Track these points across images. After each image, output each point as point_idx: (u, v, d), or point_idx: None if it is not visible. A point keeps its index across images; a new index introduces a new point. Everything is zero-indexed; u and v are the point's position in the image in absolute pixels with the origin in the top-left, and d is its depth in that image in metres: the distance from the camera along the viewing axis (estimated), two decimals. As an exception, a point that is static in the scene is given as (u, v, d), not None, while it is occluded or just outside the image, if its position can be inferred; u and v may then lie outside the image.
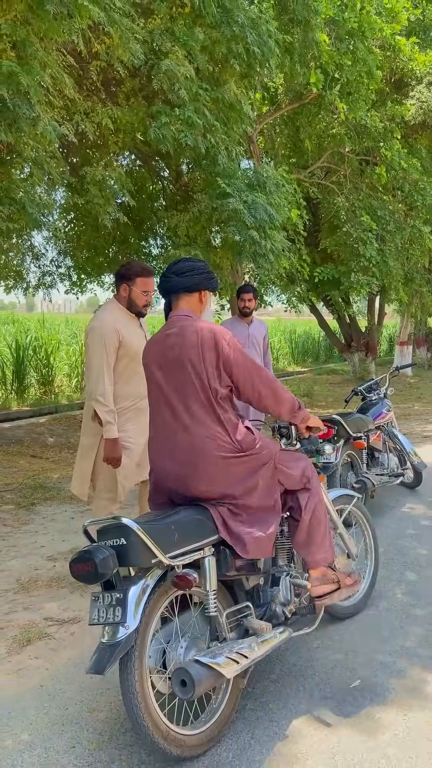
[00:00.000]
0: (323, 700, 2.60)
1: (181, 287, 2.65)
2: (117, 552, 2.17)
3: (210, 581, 2.36)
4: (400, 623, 3.28)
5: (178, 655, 2.29)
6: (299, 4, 6.82)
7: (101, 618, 2.17)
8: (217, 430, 2.49)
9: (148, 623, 2.21)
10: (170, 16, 6.01)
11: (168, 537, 2.25)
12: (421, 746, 2.32)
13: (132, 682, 2.12)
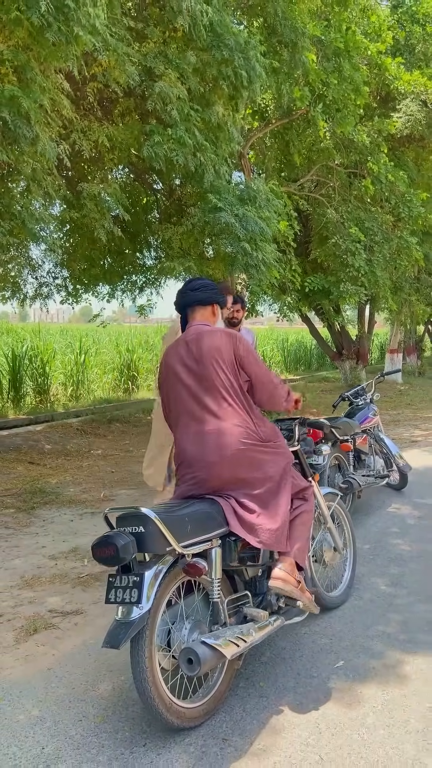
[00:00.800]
0: (309, 679, 2.82)
1: (196, 301, 3.01)
2: (135, 538, 2.36)
3: (215, 570, 2.58)
4: (383, 612, 3.52)
5: (182, 636, 2.50)
6: (287, 28, 7.13)
7: (117, 598, 2.37)
8: (244, 419, 2.80)
9: (159, 605, 2.42)
10: (163, 40, 6.29)
11: (182, 527, 2.46)
12: (396, 715, 2.55)
13: (142, 657, 2.33)
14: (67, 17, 4.55)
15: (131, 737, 2.42)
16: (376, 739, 2.40)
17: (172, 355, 2.93)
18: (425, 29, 11.41)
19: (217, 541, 2.63)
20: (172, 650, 2.48)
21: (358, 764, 2.26)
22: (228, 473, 2.73)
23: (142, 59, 5.99)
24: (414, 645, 3.14)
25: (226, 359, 2.82)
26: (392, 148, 12.51)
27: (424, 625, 3.35)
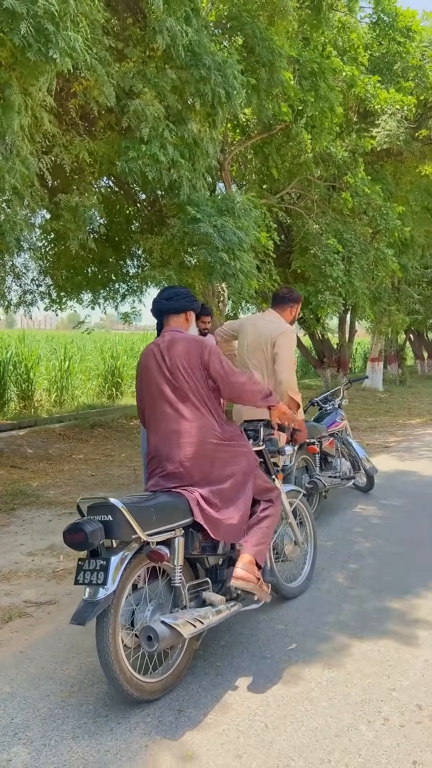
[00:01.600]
0: (263, 660, 3.05)
1: (170, 309, 3.26)
2: (104, 526, 2.57)
3: (178, 557, 2.81)
4: (338, 602, 3.75)
5: (145, 617, 2.72)
6: (264, 48, 7.43)
7: (85, 579, 2.58)
8: (209, 420, 3.04)
9: (124, 587, 2.63)
10: (143, 60, 6.55)
11: (147, 517, 2.67)
12: (339, 690, 2.78)
13: (106, 634, 2.54)
14: (47, 39, 4.79)
15: (94, 710, 2.63)
16: (318, 710, 2.63)
17: (147, 358, 3.18)
18: (403, 46, 11.77)
19: (181, 531, 2.84)
20: (135, 630, 2.69)
21: (299, 730, 2.49)
22: (193, 469, 2.96)
23: (120, 79, 6.24)
24: (363, 631, 3.37)
25: (194, 364, 3.07)
26: (371, 162, 12.87)
27: (374, 614, 3.59)
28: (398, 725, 2.53)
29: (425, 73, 11.22)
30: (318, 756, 2.34)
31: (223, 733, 2.48)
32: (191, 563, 3.03)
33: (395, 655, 3.10)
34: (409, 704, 2.67)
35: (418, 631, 3.37)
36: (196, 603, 2.92)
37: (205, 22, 6.94)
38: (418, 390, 18.85)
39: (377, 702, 2.69)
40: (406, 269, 15.67)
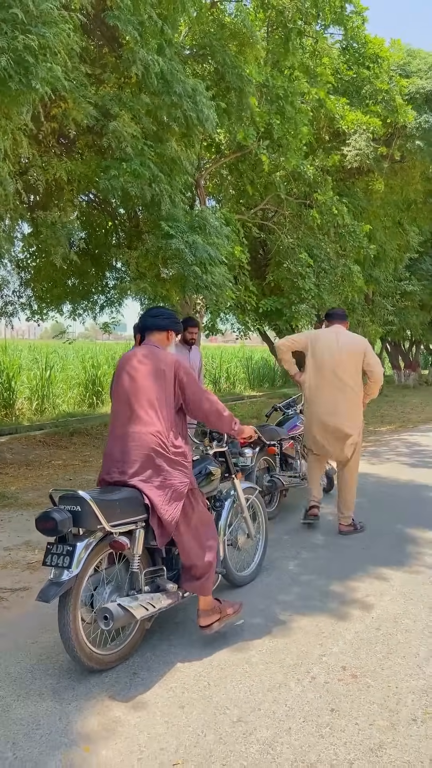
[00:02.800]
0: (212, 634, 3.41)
1: (154, 327, 3.52)
2: (73, 515, 2.87)
3: (137, 546, 3.12)
4: (286, 585, 4.14)
5: (103, 597, 3.04)
6: (234, 75, 7.89)
7: (52, 562, 2.88)
8: (162, 431, 3.23)
9: (86, 571, 2.93)
10: (119, 85, 6.97)
11: (113, 510, 2.97)
12: (275, 656, 3.16)
13: (68, 612, 2.86)
14: (27, 71, 5.18)
15: (59, 673, 2.99)
16: (255, 671, 3.01)
17: (124, 365, 3.39)
18: (371, 71, 12.33)
19: (142, 524, 3.14)
20: (95, 609, 3.00)
21: (236, 687, 2.87)
22: (141, 470, 3.19)
23: (99, 100, 6.65)
24: (305, 609, 3.76)
25: (167, 378, 3.31)
26: (342, 179, 13.41)
27: (318, 595, 3.98)
28: (323, 682, 2.91)
29: (392, 96, 11.76)
30: (250, 706, 2.72)
31: (170, 689, 2.85)
32: (149, 551, 3.31)
33: (330, 628, 3.49)
34: (336, 666, 3.06)
35: (353, 609, 3.76)
36: (151, 587, 3.22)
37: (177, 50, 7.36)
38: (393, 399, 19.36)
39: (308, 665, 3.07)
40: (378, 282, 16.20)
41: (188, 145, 7.62)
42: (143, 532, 3.16)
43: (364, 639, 3.36)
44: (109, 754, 2.39)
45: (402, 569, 4.48)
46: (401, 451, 9.95)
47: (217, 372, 21.58)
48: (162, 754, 2.39)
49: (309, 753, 2.40)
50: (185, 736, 2.50)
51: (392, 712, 2.67)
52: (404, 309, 20.11)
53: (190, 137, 7.46)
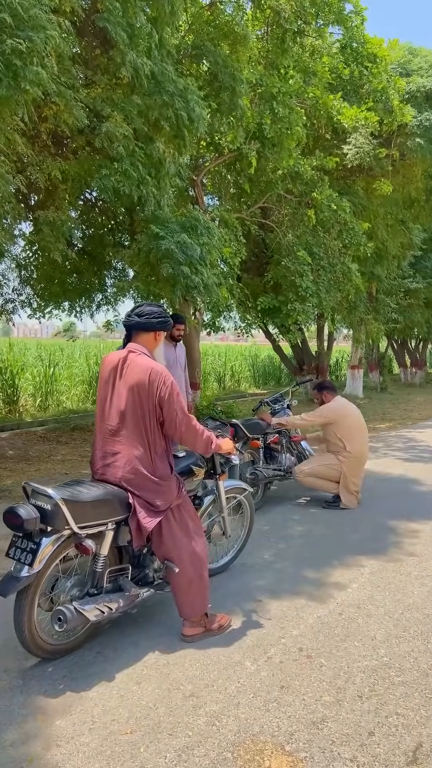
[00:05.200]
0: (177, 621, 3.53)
1: (140, 327, 3.31)
2: (41, 513, 2.83)
3: (103, 547, 3.09)
4: (259, 572, 4.25)
5: (65, 587, 3.05)
6: (226, 75, 8.00)
7: (15, 556, 2.86)
8: (145, 453, 3.15)
9: (48, 568, 2.91)
10: (110, 87, 7.10)
11: (83, 512, 2.93)
12: (235, 637, 3.28)
13: (23, 608, 2.86)
14: (16, 74, 5.32)
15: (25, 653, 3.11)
16: (214, 651, 3.13)
17: (107, 369, 3.27)
18: (370, 70, 12.38)
19: (112, 525, 3.10)
20: (52, 594, 3.03)
21: (194, 665, 2.99)
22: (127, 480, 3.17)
23: (90, 103, 6.78)
24: (273, 595, 3.87)
25: (148, 395, 3.14)
26: (343, 177, 13.46)
27: (288, 581, 4.09)
28: (278, 662, 3.02)
29: (389, 97, 11.81)
30: (204, 682, 2.84)
31: (130, 666, 2.98)
32: (119, 548, 3.27)
33: (294, 613, 3.60)
34: (293, 648, 3.17)
35: (320, 595, 3.87)
36: (113, 585, 3.20)
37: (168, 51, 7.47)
38: (397, 397, 19.37)
39: (266, 646, 3.19)
40: (381, 280, 16.21)
41: (178, 146, 7.73)
42: (113, 534, 3.13)
43: (325, 623, 3.46)
44: (62, 724, 2.52)
45: (377, 558, 4.58)
46: (397, 447, 10.02)
47: (222, 370, 21.68)
48: (113, 724, 2.52)
49: (253, 725, 2.52)
50: (137, 709, 2.63)
51: (340, 690, 2.78)
52: (409, 307, 20.08)
53: (181, 138, 7.58)
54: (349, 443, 6.01)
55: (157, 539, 3.24)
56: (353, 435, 6.06)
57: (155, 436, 3.20)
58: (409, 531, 5.28)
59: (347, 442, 6.01)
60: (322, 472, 6.01)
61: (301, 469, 6.03)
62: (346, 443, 6.00)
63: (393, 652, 3.13)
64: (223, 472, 3.92)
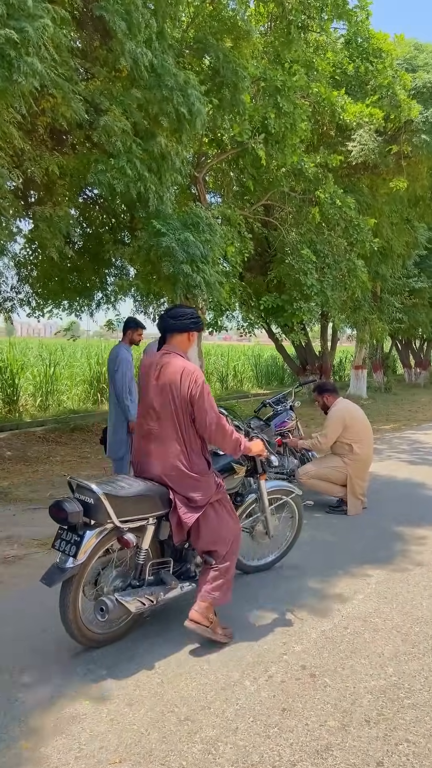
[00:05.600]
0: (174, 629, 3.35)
1: (174, 328, 3.41)
2: (85, 507, 2.98)
3: (145, 541, 3.21)
4: (262, 582, 4.07)
5: (108, 579, 3.16)
6: (228, 70, 7.80)
7: (60, 547, 3.01)
8: (182, 450, 3.25)
9: (91, 559, 3.03)
10: (109, 80, 6.92)
11: (124, 507, 3.05)
12: (235, 654, 3.10)
13: (68, 598, 2.98)
14: (10, 64, 5.15)
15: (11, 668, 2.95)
16: (212, 669, 2.95)
17: (147, 370, 3.40)
18: (375, 65, 12.17)
19: (153, 520, 3.21)
20: (97, 587, 3.15)
21: (189, 685, 2.81)
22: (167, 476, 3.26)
23: (89, 96, 6.61)
24: (276, 606, 3.69)
25: (181, 394, 3.24)
26: (347, 174, 13.26)
27: (292, 592, 3.91)
28: (280, 681, 2.84)
29: (395, 92, 11.60)
30: (200, 704, 2.66)
31: (122, 686, 2.80)
32: (161, 543, 3.38)
33: (297, 626, 3.42)
34: (295, 665, 2.99)
35: (324, 607, 3.69)
36: (155, 578, 3.29)
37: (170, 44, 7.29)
38: (402, 398, 19.16)
39: (267, 663, 3.01)
40: (385, 279, 16.01)
41: (179, 141, 7.55)
42: (154, 528, 3.24)
43: (329, 638, 3.28)
44: (47, 751, 2.35)
45: (383, 567, 4.39)
46: (402, 449, 9.82)
47: (225, 370, 21.51)
48: (101, 752, 2.34)
49: (252, 753, 2.34)
50: (128, 735, 2.45)
51: (345, 713, 2.60)
52: (413, 306, 19.86)
53: (181, 133, 7.40)
54: (356, 445, 5.84)
55: (195, 534, 3.30)
56: (360, 437, 5.88)
57: (190, 433, 3.29)
58: (415, 538, 5.09)
59: (354, 444, 5.84)
60: (328, 475, 5.83)
61: (306, 471, 5.85)
62: (354, 445, 5.84)
63: (402, 671, 2.95)
64: (264, 472, 3.93)
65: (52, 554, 4.62)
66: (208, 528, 3.28)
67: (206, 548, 3.32)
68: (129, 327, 6.34)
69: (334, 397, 6.03)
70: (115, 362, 6.11)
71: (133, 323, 6.37)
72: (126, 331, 6.35)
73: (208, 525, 3.29)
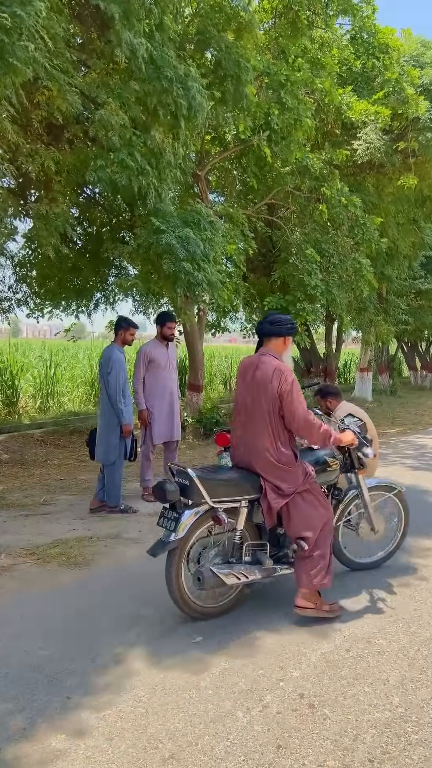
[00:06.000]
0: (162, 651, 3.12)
1: (272, 333, 3.77)
2: (182, 488, 3.41)
3: (239, 522, 3.56)
4: (256, 598, 3.83)
5: (208, 557, 3.51)
6: (230, 62, 7.58)
7: (163, 524, 3.46)
8: (271, 443, 3.59)
9: (190, 535, 3.45)
10: (106, 72, 6.71)
11: (216, 489, 3.44)
12: (228, 680, 2.86)
13: (171, 569, 3.40)
14: (3, 50, 4.95)
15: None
16: (202, 698, 2.71)
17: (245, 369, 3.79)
18: (381, 61, 11.93)
19: (245, 503, 3.56)
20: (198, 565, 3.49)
21: (176, 716, 2.57)
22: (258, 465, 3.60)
23: (85, 88, 6.40)
24: (273, 624, 3.47)
25: (271, 391, 3.57)
26: (353, 173, 13.01)
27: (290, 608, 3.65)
28: (275, 712, 2.60)
29: (403, 87, 11.36)
30: (188, 740, 2.42)
31: (102, 717, 2.57)
32: (258, 527, 3.71)
33: (295, 648, 3.18)
34: (293, 693, 2.75)
35: (326, 625, 3.45)
36: (251, 558, 3.63)
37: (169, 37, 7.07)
38: (408, 400, 18.88)
39: (262, 691, 2.77)
40: (391, 280, 15.76)
41: (177, 137, 7.33)
42: (247, 511, 3.58)
43: (330, 662, 3.04)
44: (15, 794, 2.12)
45: (388, 582, 4.15)
46: (408, 454, 9.57)
47: (228, 372, 21.25)
48: (74, 796, 2.12)
49: (242, 799, 2.10)
50: (106, 775, 2.22)
51: (347, 751, 2.36)
52: (419, 308, 19.58)
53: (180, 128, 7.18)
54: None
55: (286, 519, 3.63)
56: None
57: (279, 427, 3.61)
58: (421, 550, 4.84)
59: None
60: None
61: None
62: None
63: (409, 701, 2.71)
64: (362, 467, 4.08)
65: (40, 565, 4.41)
66: (298, 514, 3.58)
67: (297, 534, 3.59)
68: (121, 327, 6.12)
69: (337, 401, 5.79)
70: (108, 363, 5.90)
71: (125, 323, 6.15)
72: (118, 332, 6.13)
73: (298, 512, 3.59)
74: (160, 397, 6.52)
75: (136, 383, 6.54)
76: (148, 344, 6.63)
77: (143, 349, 6.56)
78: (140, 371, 6.50)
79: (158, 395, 6.51)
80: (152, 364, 6.49)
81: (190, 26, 8.29)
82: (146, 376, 6.50)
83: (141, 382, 6.50)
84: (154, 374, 6.51)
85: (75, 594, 3.86)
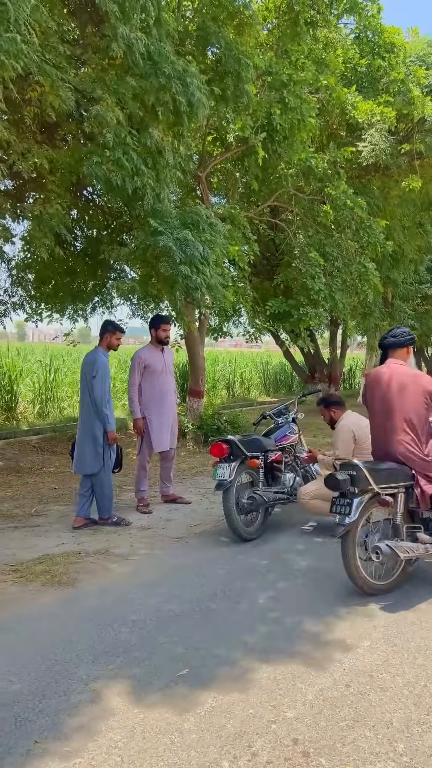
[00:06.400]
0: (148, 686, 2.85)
1: (395, 344, 4.35)
2: (351, 478, 3.89)
3: (399, 505, 4.05)
4: (253, 623, 3.56)
5: (374, 540, 3.98)
6: (231, 59, 7.35)
7: (337, 510, 3.93)
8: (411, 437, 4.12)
9: (361, 518, 3.93)
10: (102, 67, 6.48)
11: (379, 476, 3.96)
12: (215, 721, 2.59)
13: (347, 549, 3.89)
14: (-12, 42, 4.72)
15: None
16: (185, 743, 2.44)
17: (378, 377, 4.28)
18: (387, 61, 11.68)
19: (402, 489, 4.05)
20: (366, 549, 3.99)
21: (155, 766, 2.30)
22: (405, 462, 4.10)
23: (79, 84, 6.17)
24: (267, 655, 3.17)
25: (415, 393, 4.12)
26: (358, 176, 12.76)
27: (286, 636, 3.39)
28: (265, 762, 2.33)
29: (409, 88, 11.10)
30: (165, 795, 2.16)
31: (75, 766, 2.30)
32: (410, 512, 4.17)
33: (290, 683, 2.90)
34: (286, 738, 2.48)
35: (323, 657, 3.17)
36: (410, 539, 4.08)
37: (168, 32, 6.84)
38: (413, 407, 18.53)
39: (252, 735, 2.49)
40: (397, 284, 15.49)
41: (176, 136, 7.09)
42: (404, 496, 4.06)
43: (328, 699, 2.77)
44: None
45: (392, 605, 3.88)
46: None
47: (231, 377, 21.00)
48: None
49: None
50: None
51: None
52: (426, 313, 19.27)
53: (179, 126, 6.94)
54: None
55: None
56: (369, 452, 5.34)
57: (421, 424, 4.13)
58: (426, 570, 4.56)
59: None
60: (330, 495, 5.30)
61: (306, 491, 5.31)
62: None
63: (415, 748, 2.43)
64: None
65: (22, 585, 4.15)
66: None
67: None
68: (107, 330, 5.82)
69: (341, 411, 5.51)
70: (93, 368, 5.59)
71: (112, 326, 5.86)
72: (103, 335, 5.82)
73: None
74: (157, 405, 6.24)
75: (131, 390, 6.27)
76: (143, 349, 6.37)
77: (138, 355, 6.30)
78: (135, 378, 6.24)
79: (155, 402, 6.24)
80: (148, 370, 6.24)
81: (190, 24, 8.07)
82: (142, 382, 6.24)
83: (136, 389, 6.24)
84: (150, 380, 6.25)
85: (55, 618, 3.60)
